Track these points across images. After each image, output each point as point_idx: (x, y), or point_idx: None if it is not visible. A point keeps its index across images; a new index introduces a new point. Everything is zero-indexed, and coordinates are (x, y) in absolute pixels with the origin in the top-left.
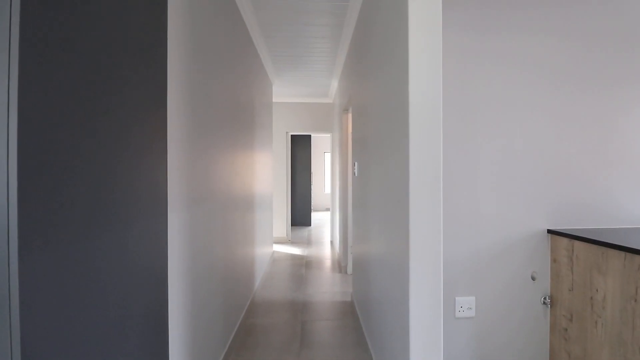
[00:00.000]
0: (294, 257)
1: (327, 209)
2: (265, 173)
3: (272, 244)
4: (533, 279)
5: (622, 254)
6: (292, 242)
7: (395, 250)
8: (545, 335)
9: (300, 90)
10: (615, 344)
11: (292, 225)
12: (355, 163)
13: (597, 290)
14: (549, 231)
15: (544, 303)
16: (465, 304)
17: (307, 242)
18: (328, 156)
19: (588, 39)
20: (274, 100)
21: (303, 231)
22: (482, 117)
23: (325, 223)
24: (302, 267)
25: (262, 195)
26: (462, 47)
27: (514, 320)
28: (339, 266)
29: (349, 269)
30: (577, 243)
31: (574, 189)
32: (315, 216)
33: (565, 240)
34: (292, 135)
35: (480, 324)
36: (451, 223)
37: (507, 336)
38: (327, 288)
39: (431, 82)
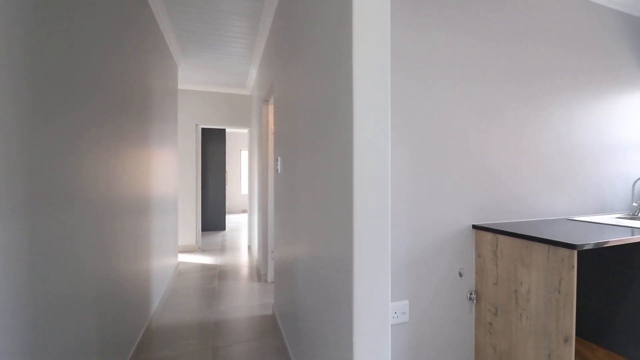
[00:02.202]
0: (204, 268)
1: (244, 211)
2: (167, 171)
3: (177, 254)
4: (460, 275)
5: (546, 247)
6: (202, 250)
7: (334, 252)
8: (472, 330)
9: (213, 77)
10: (540, 335)
11: (203, 230)
12: (278, 158)
13: (521, 284)
14: (474, 226)
15: (470, 299)
16: (400, 309)
17: (221, 249)
18: (245, 154)
19: (513, 44)
20: (180, 87)
21: (216, 237)
22: (409, 116)
23: (242, 226)
24: (215, 279)
25: (162, 198)
26: (398, 43)
27: (446, 320)
28: (258, 274)
29: (270, 277)
30: (501, 237)
31: (495, 185)
32: (230, 219)
33: (489, 235)
34: (203, 130)
35: (414, 328)
36: None
37: (439, 337)
38: (245, 301)
39: (379, 70)
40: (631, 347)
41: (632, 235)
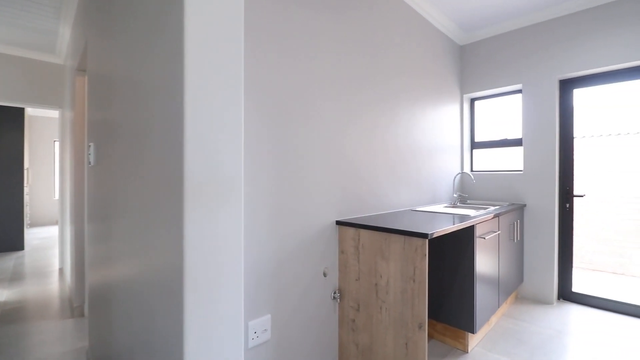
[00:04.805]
0: None
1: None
2: None
3: None
4: (325, 275)
5: (402, 237)
6: None
7: (160, 270)
8: (336, 331)
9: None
10: (398, 325)
11: None
12: (91, 145)
13: (381, 276)
14: (337, 222)
15: (334, 298)
16: (260, 327)
17: (12, 278)
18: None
19: (372, 53)
20: None
21: (6, 260)
22: (267, 107)
23: (53, 243)
24: None
25: None
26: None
27: (311, 326)
28: (71, 307)
29: (87, 310)
30: (362, 232)
31: (355, 180)
32: (36, 234)
33: (352, 230)
34: None
35: (277, 344)
36: None
37: (304, 346)
38: (46, 351)
39: (226, 33)
40: (461, 318)
41: (453, 223)
